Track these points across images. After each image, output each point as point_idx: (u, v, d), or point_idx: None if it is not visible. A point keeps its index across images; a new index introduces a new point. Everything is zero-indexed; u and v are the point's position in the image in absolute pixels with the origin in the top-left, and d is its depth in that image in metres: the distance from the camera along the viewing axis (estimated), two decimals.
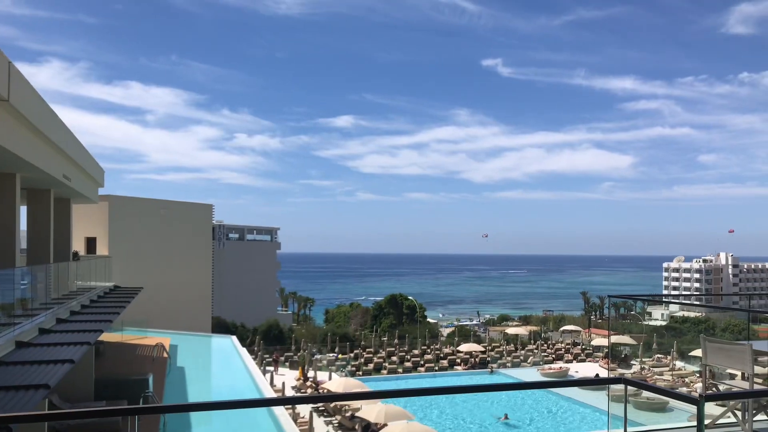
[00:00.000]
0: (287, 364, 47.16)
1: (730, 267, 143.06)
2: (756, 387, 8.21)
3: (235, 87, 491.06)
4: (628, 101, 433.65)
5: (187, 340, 31.35)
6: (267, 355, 47.61)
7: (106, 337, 23.48)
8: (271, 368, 42.80)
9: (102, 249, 36.19)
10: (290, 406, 28.20)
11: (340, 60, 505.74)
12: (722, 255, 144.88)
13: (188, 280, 40.45)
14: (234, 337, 33.53)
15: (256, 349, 48.72)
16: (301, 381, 39.93)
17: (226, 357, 29.54)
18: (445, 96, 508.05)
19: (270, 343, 53.32)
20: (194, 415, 17.01)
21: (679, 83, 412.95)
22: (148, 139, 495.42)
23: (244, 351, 29.48)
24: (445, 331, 72.07)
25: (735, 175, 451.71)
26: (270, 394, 22.42)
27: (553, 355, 52.00)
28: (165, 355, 24.83)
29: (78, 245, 33.48)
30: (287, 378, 40.20)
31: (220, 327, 53.93)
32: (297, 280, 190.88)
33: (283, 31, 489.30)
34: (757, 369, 8.27)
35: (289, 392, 37.20)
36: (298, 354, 49.07)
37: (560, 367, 45.93)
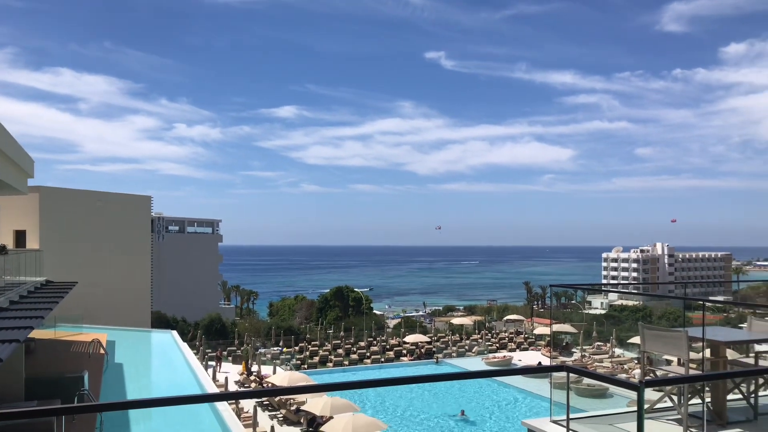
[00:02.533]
0: (230, 358, 46.22)
1: (666, 257, 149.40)
2: (691, 372, 8.36)
3: (173, 76, 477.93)
4: (567, 95, 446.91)
5: (125, 336, 30.17)
6: (209, 350, 46.52)
7: (37, 334, 22.18)
8: (213, 363, 41.81)
9: (32, 242, 34.32)
10: (233, 401, 27.51)
11: (281, 50, 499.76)
12: (658, 245, 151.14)
13: (126, 274, 38.95)
14: (174, 332, 32.54)
15: (197, 343, 47.55)
16: (244, 375, 39.20)
17: (166, 352, 28.62)
18: (389, 88, 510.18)
19: (212, 337, 52.15)
20: (133, 413, 16.29)
21: (616, 78, 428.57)
22: (82, 128, 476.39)
23: (185, 346, 28.60)
24: (392, 323, 72.33)
25: (670, 167, 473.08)
26: (212, 389, 21.82)
27: (497, 345, 52.88)
28: (102, 351, 23.69)
29: (6, 239, 31.64)
30: (230, 372, 39.35)
31: (160, 322, 52.38)
32: (240, 274, 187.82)
33: (222, 19, 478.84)
34: (692, 355, 8.41)
35: (232, 387, 36.47)
36: (242, 348, 48.17)
37: (504, 356, 46.73)
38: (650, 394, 8.73)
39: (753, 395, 8.39)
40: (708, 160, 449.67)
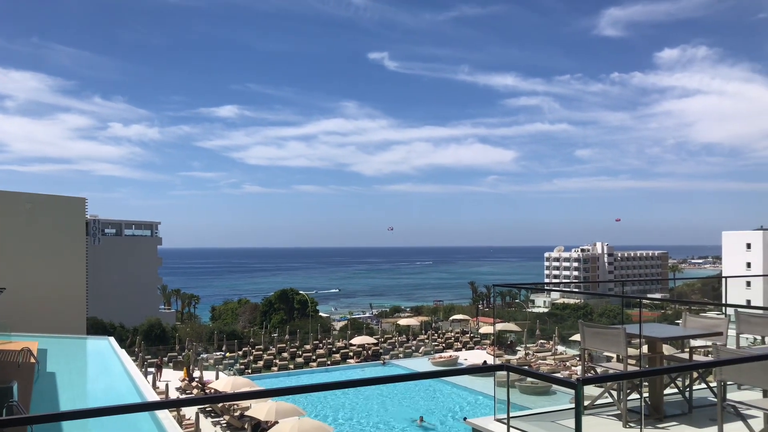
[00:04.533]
0: (171, 364, 44.96)
1: (606, 256, 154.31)
2: (630, 368, 8.55)
3: (107, 73, 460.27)
4: (509, 97, 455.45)
5: (58, 344, 28.80)
6: (149, 356, 45.14)
7: None
8: (153, 370, 40.58)
9: None
10: (175, 409, 26.70)
11: (221, 48, 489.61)
12: (598, 244, 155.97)
13: (58, 279, 37.25)
14: (112, 339, 31.26)
15: (137, 350, 46.12)
16: (186, 382, 38.19)
17: (102, 360, 27.48)
18: (332, 88, 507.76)
19: (152, 343, 50.62)
20: (67, 425, 15.50)
21: (556, 81, 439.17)
22: (8, 127, 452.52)
23: (123, 353, 27.48)
24: (338, 325, 71.99)
25: (608, 168, 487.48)
26: (152, 397, 21.08)
27: (444, 344, 53.37)
28: (32, 360, 22.52)
29: None
30: (171, 379, 38.26)
31: (97, 328, 50.44)
32: (181, 277, 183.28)
33: (159, 15, 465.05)
34: (631, 351, 8.61)
35: (174, 394, 35.48)
36: (183, 354, 46.95)
37: (450, 356, 47.19)
38: (591, 390, 8.87)
39: (688, 389, 8.66)
40: (645, 162, 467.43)
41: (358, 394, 35.35)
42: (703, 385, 9.05)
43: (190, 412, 28.93)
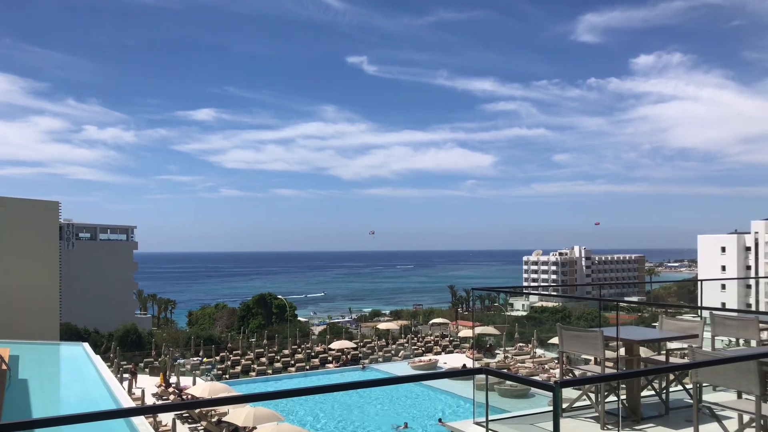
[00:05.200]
0: (147, 370, 44.37)
1: (584, 259, 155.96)
2: (607, 371, 8.62)
3: (81, 75, 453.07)
4: (488, 102, 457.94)
5: (30, 350, 28.21)
6: (124, 362, 44.49)
7: None
8: (128, 376, 40.00)
9: None
10: (151, 415, 26.33)
11: (198, 50, 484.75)
12: (576, 248, 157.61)
13: (31, 284, 36.56)
14: (86, 344, 30.71)
15: (112, 356, 45.44)
16: (162, 387, 37.68)
17: (76, 366, 26.98)
18: (310, 91, 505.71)
19: (128, 348, 49.90)
20: None
21: (534, 86, 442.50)
22: None
23: (97, 359, 27.05)
24: (317, 330, 71.66)
25: (586, 173, 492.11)
26: (128, 403, 20.75)
27: (423, 348, 53.39)
28: (3, 367, 22.03)
29: None
30: (147, 385, 37.73)
31: (71, 334, 49.57)
32: (157, 282, 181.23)
33: (134, 16, 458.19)
34: (608, 353, 8.68)
35: (150, 400, 34.99)
36: (159, 359, 46.35)
37: (429, 359, 47.23)
38: (570, 392, 8.92)
39: (664, 391, 8.74)
40: (621, 167, 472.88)
41: (337, 399, 35.19)
42: (680, 387, 9.14)
43: (166, 418, 28.56)
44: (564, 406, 8.74)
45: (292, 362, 47.40)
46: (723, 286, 68.98)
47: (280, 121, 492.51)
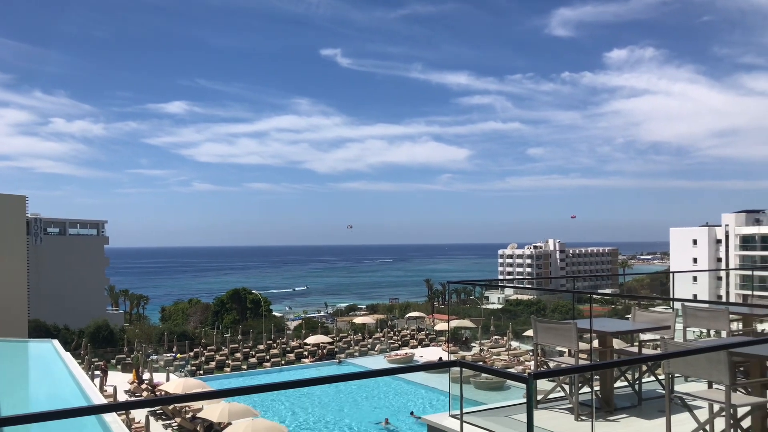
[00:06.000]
0: (119, 366, 43.76)
1: (558, 252, 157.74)
2: (581, 362, 8.69)
3: (48, 67, 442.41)
4: (462, 96, 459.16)
5: None
6: (96, 359, 43.82)
7: None
8: (99, 373, 39.41)
9: None
10: (123, 412, 25.95)
11: (169, 42, 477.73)
12: (551, 241, 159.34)
13: None
14: (56, 342, 30.15)
15: (83, 352, 44.70)
16: (135, 384, 37.21)
17: (46, 363, 26.47)
18: (284, 84, 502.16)
19: (99, 345, 49.14)
20: (8, 430, 14.81)
21: (509, 80, 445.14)
22: None
23: (68, 356, 26.57)
24: (292, 324, 71.38)
25: (560, 167, 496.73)
26: (100, 400, 20.42)
27: (399, 342, 53.51)
28: None
29: None
30: (120, 382, 37.19)
31: (39, 331, 48.64)
32: (129, 277, 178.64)
33: (101, 7, 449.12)
34: (582, 345, 8.75)
35: (122, 397, 34.50)
36: (132, 356, 45.74)
37: (405, 353, 47.35)
38: (544, 384, 8.98)
39: (637, 382, 8.84)
40: (595, 160, 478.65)
41: (313, 394, 35.09)
42: (652, 378, 9.25)
43: (140, 415, 28.20)
44: (539, 397, 8.79)
45: (267, 357, 47.14)
46: (695, 278, 70.33)
47: (253, 114, 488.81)
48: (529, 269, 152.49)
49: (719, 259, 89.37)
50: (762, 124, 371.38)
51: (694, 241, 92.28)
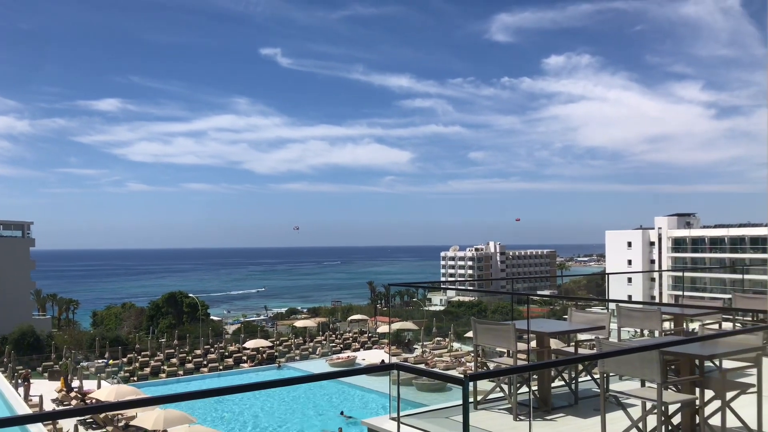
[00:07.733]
0: (46, 374, 41.78)
1: (498, 254, 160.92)
2: (519, 362, 8.82)
3: None
4: (404, 99, 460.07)
5: None
6: (20, 367, 41.71)
7: None
8: (22, 381, 37.51)
9: None
10: (50, 422, 24.76)
11: (100, 37, 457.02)
12: (491, 244, 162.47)
13: None
14: None
15: (5, 360, 42.48)
16: (63, 392, 35.57)
17: None
18: (222, 83, 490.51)
19: (24, 352, 46.83)
20: None
21: (450, 84, 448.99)
22: None
23: None
24: (231, 329, 70.00)
25: (500, 171, 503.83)
26: (24, 410, 19.50)
27: (342, 345, 53.25)
28: None
29: None
30: (46, 390, 35.47)
31: None
32: (57, 281, 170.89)
33: None
34: (520, 346, 8.89)
35: (49, 406, 32.93)
36: (60, 363, 43.79)
37: (348, 356, 47.13)
38: (485, 385, 9.06)
39: (574, 381, 9.03)
40: (534, 165, 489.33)
41: (252, 400, 34.48)
42: (588, 377, 9.48)
43: (68, 424, 26.97)
44: (479, 398, 8.86)
45: (205, 363, 46.05)
46: (629, 280, 73.05)
47: (190, 113, 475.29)
48: (470, 271, 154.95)
49: (652, 261, 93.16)
50: (691, 130, 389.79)
51: (629, 244, 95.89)
